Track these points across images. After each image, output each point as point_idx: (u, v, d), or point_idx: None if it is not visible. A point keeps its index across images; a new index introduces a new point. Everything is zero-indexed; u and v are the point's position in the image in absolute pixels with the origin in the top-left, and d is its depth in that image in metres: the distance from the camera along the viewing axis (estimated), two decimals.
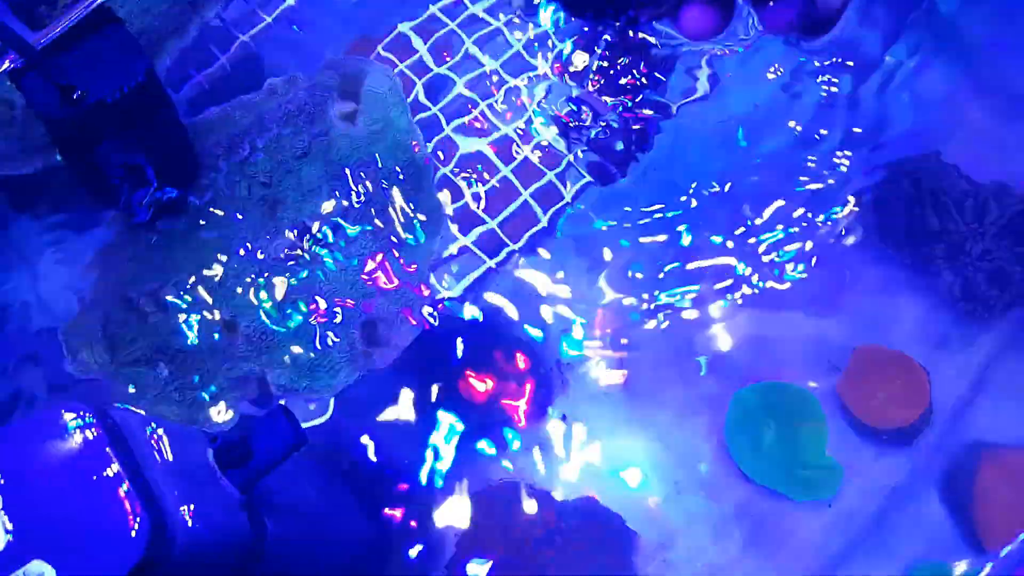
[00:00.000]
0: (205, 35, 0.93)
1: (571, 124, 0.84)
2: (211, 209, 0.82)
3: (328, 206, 0.81)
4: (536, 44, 0.90)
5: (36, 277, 0.85)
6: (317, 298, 0.80)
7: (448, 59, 0.92)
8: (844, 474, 0.80)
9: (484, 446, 0.82)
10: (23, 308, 0.84)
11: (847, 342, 0.84)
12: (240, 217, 0.81)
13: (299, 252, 0.81)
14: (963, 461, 0.81)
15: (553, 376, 0.84)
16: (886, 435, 0.82)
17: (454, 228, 0.85)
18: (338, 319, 0.79)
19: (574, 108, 0.83)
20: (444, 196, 0.84)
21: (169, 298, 0.80)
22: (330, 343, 0.78)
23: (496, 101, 0.90)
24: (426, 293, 0.80)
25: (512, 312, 0.85)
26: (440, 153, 0.86)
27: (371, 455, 0.82)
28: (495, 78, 0.90)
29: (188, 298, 0.80)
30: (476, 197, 0.86)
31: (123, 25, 0.73)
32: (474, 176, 0.86)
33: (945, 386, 0.82)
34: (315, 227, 0.81)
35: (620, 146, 0.82)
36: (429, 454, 0.81)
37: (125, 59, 0.70)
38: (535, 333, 0.84)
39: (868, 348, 0.84)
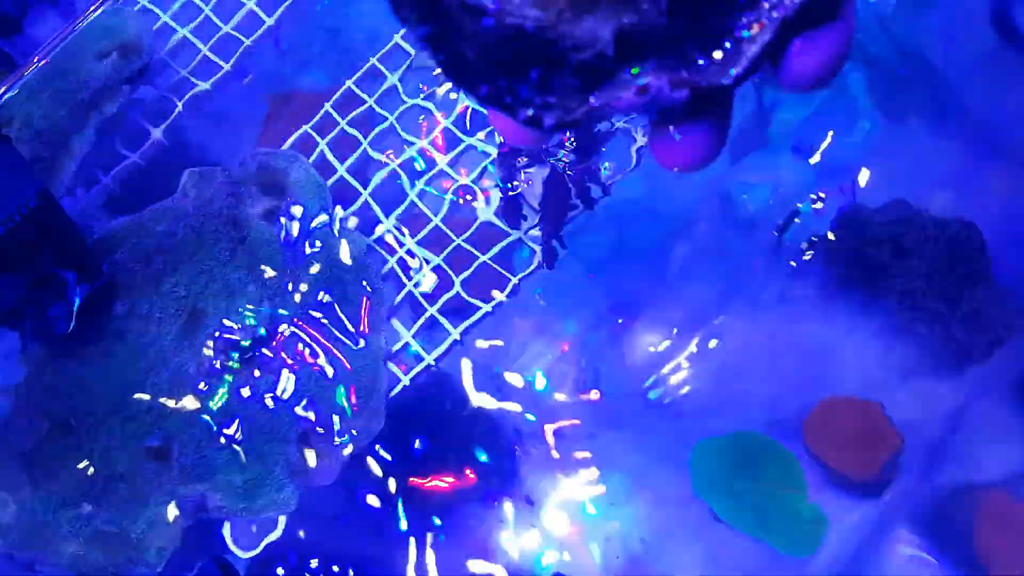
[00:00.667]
0: (111, 130, 0.88)
1: (509, 196, 0.80)
2: (128, 328, 0.75)
3: (257, 315, 0.76)
4: (466, 118, 0.86)
5: None
6: (254, 411, 0.74)
7: (370, 136, 0.87)
8: (828, 525, 0.76)
9: (451, 539, 0.77)
10: None
11: (808, 392, 0.80)
12: (162, 334, 0.75)
13: (230, 364, 0.75)
14: (947, 506, 0.78)
15: (515, 453, 0.80)
16: (860, 483, 0.78)
17: (396, 322, 0.80)
18: (277, 431, 0.73)
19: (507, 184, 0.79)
20: (384, 288, 0.79)
21: (90, 426, 0.73)
22: (269, 459, 0.72)
23: (427, 179, 0.85)
24: (376, 391, 0.75)
25: (465, 394, 0.80)
26: (374, 245, 0.81)
27: (332, 569, 0.76)
28: (428, 154, 0.86)
29: (111, 424, 0.74)
30: (417, 285, 0.81)
31: (10, 143, 0.67)
32: (411, 262, 0.81)
33: (917, 430, 0.79)
34: (245, 338, 0.75)
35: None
36: (395, 558, 0.76)
37: (13, 183, 0.64)
38: (492, 411, 0.80)
39: (831, 401, 0.80)
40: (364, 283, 0.77)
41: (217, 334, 0.75)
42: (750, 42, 0.25)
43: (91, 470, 0.72)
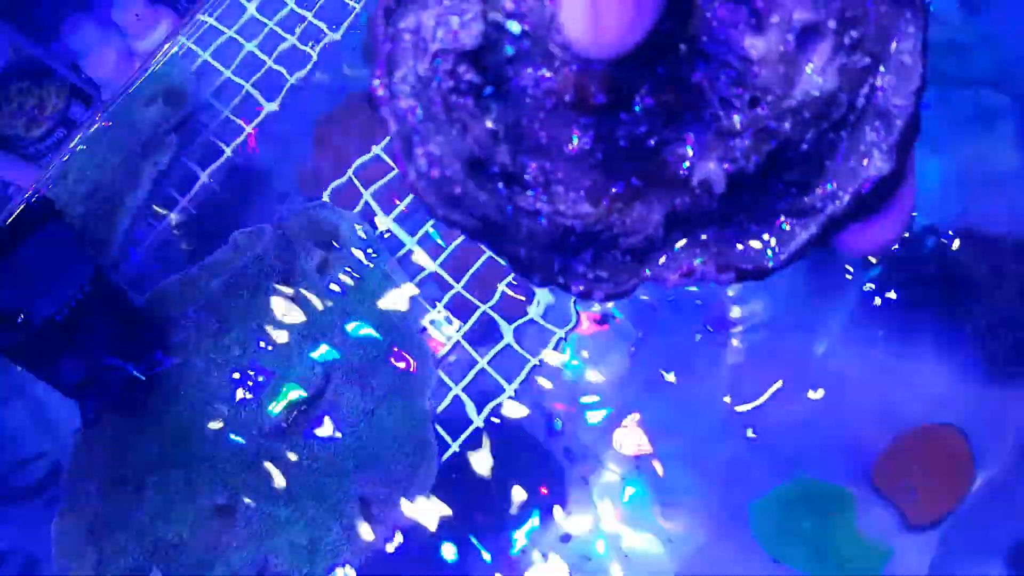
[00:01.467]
0: (165, 182, 0.88)
1: None
2: (183, 387, 0.77)
3: (314, 371, 0.76)
4: None
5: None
6: (310, 471, 0.75)
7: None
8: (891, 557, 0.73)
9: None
10: None
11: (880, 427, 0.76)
12: (220, 391, 0.76)
13: (288, 424, 0.75)
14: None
15: (575, 493, 0.78)
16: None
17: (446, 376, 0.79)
18: (337, 493, 0.74)
19: None
20: (434, 345, 0.78)
21: (154, 484, 0.75)
22: (328, 521, 0.73)
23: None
24: (426, 457, 0.74)
25: (523, 439, 0.79)
26: (422, 299, 0.80)
27: None
28: None
29: (179, 485, 0.75)
30: (465, 338, 0.80)
31: (62, 220, 0.67)
32: (454, 318, 0.80)
33: (986, 459, 0.74)
34: (299, 396, 0.75)
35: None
36: None
37: (69, 266, 0.65)
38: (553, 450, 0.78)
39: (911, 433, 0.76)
40: (410, 337, 0.77)
41: (272, 390, 0.76)
42: (803, 229, 0.26)
43: (154, 533, 0.74)
